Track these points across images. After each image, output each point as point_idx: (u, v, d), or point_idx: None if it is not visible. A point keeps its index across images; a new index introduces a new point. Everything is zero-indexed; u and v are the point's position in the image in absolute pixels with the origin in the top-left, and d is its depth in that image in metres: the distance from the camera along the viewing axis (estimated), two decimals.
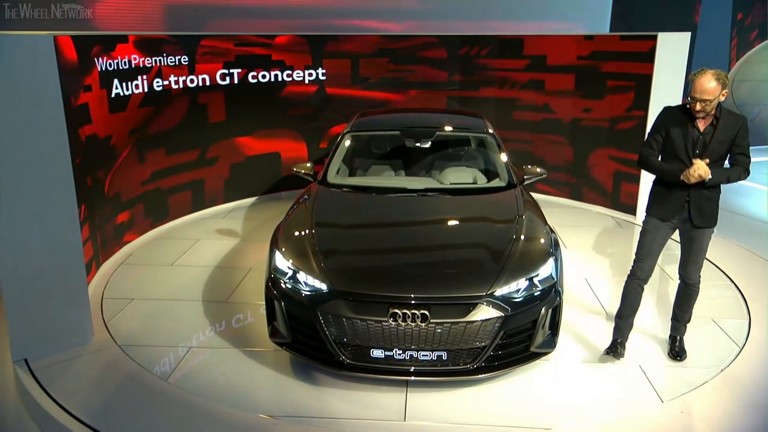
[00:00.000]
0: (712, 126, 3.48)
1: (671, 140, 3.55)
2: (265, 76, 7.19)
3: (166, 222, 6.47)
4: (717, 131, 3.46)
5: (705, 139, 3.48)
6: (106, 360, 3.88)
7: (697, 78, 3.38)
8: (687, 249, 3.75)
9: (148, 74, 6.00)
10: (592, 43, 6.71)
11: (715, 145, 3.47)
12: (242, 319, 4.45)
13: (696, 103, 3.39)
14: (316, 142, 7.70)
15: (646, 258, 3.73)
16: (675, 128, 3.53)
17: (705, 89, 3.34)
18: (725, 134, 3.47)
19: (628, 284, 3.82)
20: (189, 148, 6.65)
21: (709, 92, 3.34)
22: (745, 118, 3.54)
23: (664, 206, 3.64)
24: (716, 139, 3.46)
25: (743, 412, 3.33)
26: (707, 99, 3.35)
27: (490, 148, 4.93)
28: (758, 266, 5.32)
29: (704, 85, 3.34)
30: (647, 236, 3.72)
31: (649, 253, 3.72)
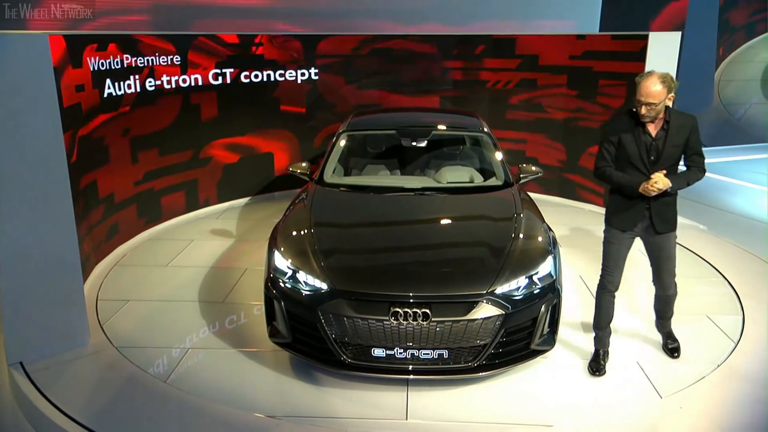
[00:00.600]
0: (663, 130, 3.40)
1: (624, 147, 3.44)
2: (258, 75, 7.16)
3: (160, 223, 6.42)
4: (669, 135, 3.38)
5: (658, 145, 3.39)
6: (103, 362, 3.85)
7: (643, 81, 3.28)
8: (656, 258, 3.68)
9: (140, 74, 5.96)
10: (584, 43, 6.75)
11: (670, 149, 3.40)
12: (239, 319, 4.42)
13: (641, 106, 3.31)
14: (309, 141, 7.69)
15: (614, 269, 3.67)
16: (626, 135, 3.43)
17: (650, 92, 3.24)
18: (678, 137, 3.40)
19: (601, 297, 3.75)
20: (182, 148, 6.60)
21: (653, 96, 3.24)
22: (695, 118, 3.47)
23: (625, 216, 3.56)
24: (669, 143, 3.39)
25: (742, 407, 3.37)
26: (652, 103, 3.26)
27: (485, 147, 4.94)
28: (750, 263, 5.38)
29: (649, 89, 3.24)
30: (612, 248, 3.65)
31: (616, 264, 3.66)
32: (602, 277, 3.73)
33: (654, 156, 3.41)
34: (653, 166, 3.42)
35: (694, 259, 5.49)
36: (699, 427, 3.21)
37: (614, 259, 3.66)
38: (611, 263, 3.67)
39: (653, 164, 3.42)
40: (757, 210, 7.09)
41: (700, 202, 7.19)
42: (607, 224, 3.68)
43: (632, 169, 3.46)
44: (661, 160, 3.41)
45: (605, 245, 3.70)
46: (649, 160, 3.42)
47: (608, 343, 3.82)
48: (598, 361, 3.74)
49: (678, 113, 3.43)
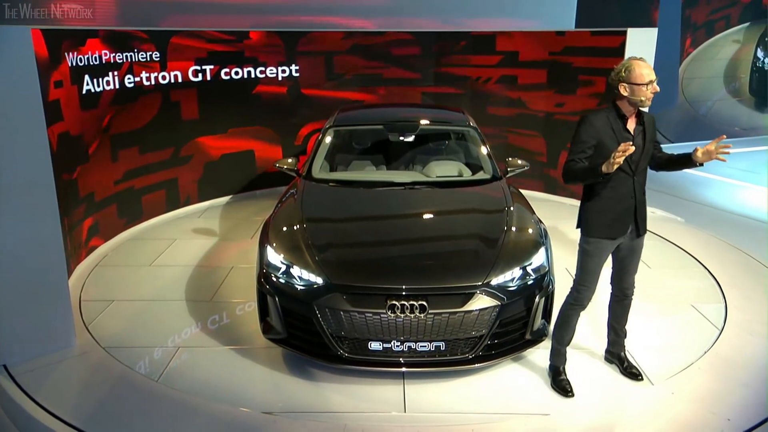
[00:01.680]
0: (640, 125, 3.22)
1: (606, 150, 3.12)
2: (238, 72, 7.08)
3: (141, 222, 6.30)
4: (645, 128, 3.23)
5: (639, 142, 3.21)
6: (91, 363, 3.76)
7: (636, 63, 3.06)
8: (627, 261, 3.41)
9: (119, 70, 5.84)
10: (564, 39, 6.84)
11: (648, 145, 3.24)
12: (228, 317, 4.36)
13: (648, 87, 3.05)
14: (290, 139, 7.63)
15: (592, 284, 3.34)
16: (606, 137, 3.16)
17: (651, 69, 3.05)
18: (650, 131, 3.25)
19: (572, 313, 3.42)
20: (162, 146, 6.49)
21: (653, 72, 3.06)
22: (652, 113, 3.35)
23: (614, 224, 3.26)
24: (648, 138, 3.23)
25: (731, 391, 3.44)
26: (653, 80, 3.04)
27: (473, 142, 4.97)
28: (728, 253, 5.52)
29: (648, 67, 3.05)
30: (593, 261, 3.30)
31: (594, 279, 3.34)
32: (577, 292, 3.37)
33: (636, 154, 3.18)
34: (636, 165, 3.22)
35: (675, 250, 5.61)
36: (691, 411, 3.27)
37: (594, 273, 3.33)
38: (591, 277, 3.33)
39: (636, 163, 3.22)
40: (730, 202, 7.27)
41: (676, 195, 7.35)
42: (586, 235, 3.31)
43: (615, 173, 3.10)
44: (643, 157, 3.23)
45: (584, 258, 3.33)
46: (632, 159, 3.18)
47: (566, 359, 3.52)
48: (562, 378, 3.46)
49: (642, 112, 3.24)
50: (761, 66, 10.93)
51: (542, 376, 3.61)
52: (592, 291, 3.37)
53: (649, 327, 4.18)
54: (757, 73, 10.98)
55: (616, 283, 3.53)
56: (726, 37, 10.78)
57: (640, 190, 3.28)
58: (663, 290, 4.76)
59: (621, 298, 3.55)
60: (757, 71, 10.97)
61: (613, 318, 3.63)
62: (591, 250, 3.30)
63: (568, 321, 3.45)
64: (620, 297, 3.55)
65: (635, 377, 3.56)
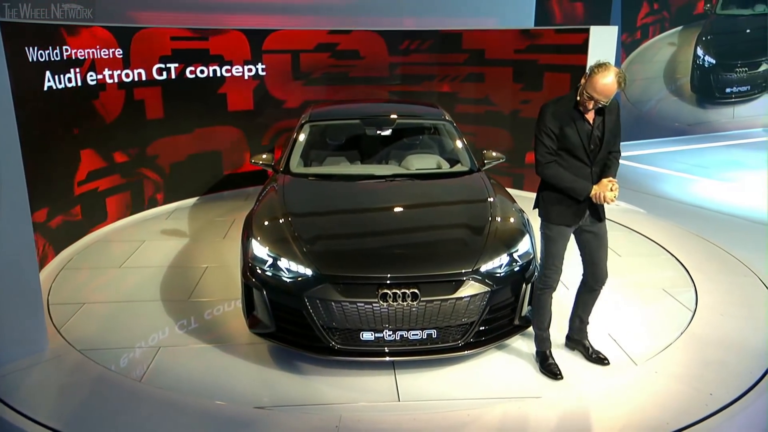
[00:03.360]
0: (599, 116, 3.25)
1: (566, 138, 3.24)
2: (204, 71, 6.94)
3: (105, 224, 6.09)
4: (606, 120, 3.26)
5: (598, 134, 3.26)
6: (67, 366, 3.60)
7: (599, 75, 3.07)
8: (594, 247, 3.45)
9: (81, 67, 5.64)
10: (529, 37, 6.99)
11: (608, 136, 3.28)
12: (210, 315, 4.26)
13: (590, 101, 3.14)
14: (258, 138, 7.51)
15: (559, 266, 3.43)
16: (567, 125, 3.23)
17: (606, 89, 3.07)
18: (610, 121, 3.28)
19: (545, 297, 3.49)
20: (127, 146, 6.30)
21: (608, 93, 3.09)
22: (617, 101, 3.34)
23: (570, 212, 3.34)
24: (607, 128, 3.26)
25: (710, 368, 3.57)
26: (603, 101, 3.11)
27: (449, 135, 5.01)
28: (692, 241, 5.73)
29: (606, 85, 3.06)
30: (555, 245, 3.38)
31: (559, 262, 3.42)
32: (546, 277, 3.45)
33: (594, 145, 3.26)
34: (595, 155, 3.28)
35: (642, 239, 5.79)
36: (675, 387, 3.38)
37: (557, 256, 3.40)
38: (556, 260, 3.41)
39: (595, 153, 3.28)
40: (687, 195, 7.59)
41: (635, 189, 7.60)
42: (546, 221, 3.42)
43: (573, 159, 3.29)
44: (602, 149, 3.28)
45: (546, 243, 3.42)
46: (590, 149, 3.26)
47: (551, 342, 3.59)
48: (551, 362, 3.51)
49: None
50: (702, 64, 11.43)
51: (530, 361, 3.66)
52: (558, 273, 3.47)
53: (625, 312, 4.30)
54: (698, 70, 11.47)
55: (589, 275, 3.55)
56: (661, 40, 11.22)
57: (597, 179, 3.32)
58: (635, 276, 4.91)
59: (590, 289, 3.58)
60: (698, 68, 11.46)
61: (580, 307, 3.67)
62: (552, 235, 3.40)
63: (542, 305, 3.53)
64: (590, 288, 3.58)
65: (602, 362, 3.60)
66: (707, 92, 11.67)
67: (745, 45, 11.56)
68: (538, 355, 3.61)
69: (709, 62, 11.41)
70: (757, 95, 12.01)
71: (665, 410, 3.18)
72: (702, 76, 11.51)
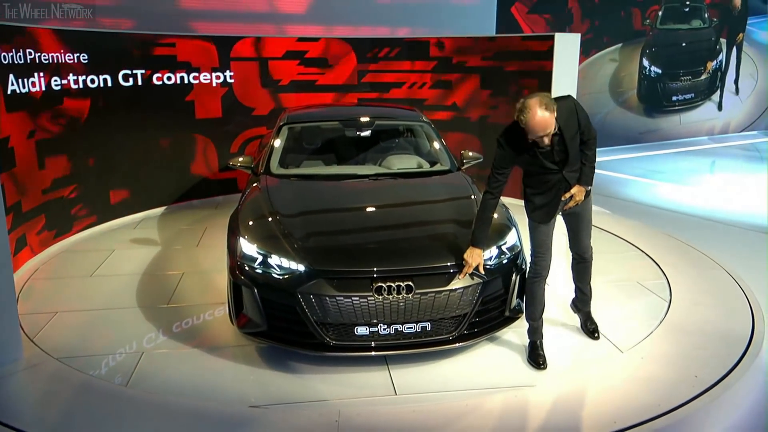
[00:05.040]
0: (556, 134, 3.24)
1: (527, 164, 3.36)
2: (171, 78, 6.82)
3: (71, 234, 5.86)
4: (565, 135, 3.26)
5: (560, 149, 3.30)
6: (46, 374, 3.43)
7: (530, 118, 3.05)
8: (576, 226, 3.64)
9: (45, 71, 5.46)
10: (495, 44, 7.16)
11: (571, 144, 3.29)
12: (192, 320, 4.14)
13: (543, 138, 3.16)
14: (226, 146, 7.40)
15: (546, 252, 3.52)
16: (524, 154, 3.30)
17: (544, 123, 3.07)
18: (571, 129, 3.28)
19: (536, 285, 3.57)
20: (92, 153, 6.10)
21: (549, 124, 3.09)
22: (570, 97, 3.39)
23: (547, 211, 3.47)
24: (568, 139, 3.27)
25: (691, 353, 3.69)
26: (551, 131, 3.13)
27: (428, 136, 5.06)
28: (659, 238, 5.93)
29: (539, 121, 3.06)
30: (540, 234, 3.50)
31: (547, 247, 3.53)
32: (535, 264, 3.55)
33: (559, 158, 3.31)
34: (564, 164, 3.34)
35: (612, 237, 5.97)
36: (662, 371, 3.48)
37: (544, 245, 3.52)
38: (543, 247, 3.52)
39: (563, 164, 3.33)
40: (650, 197, 7.93)
41: (599, 193, 7.84)
42: (528, 218, 3.57)
43: (540, 173, 3.37)
44: (570, 157, 3.33)
45: (533, 232, 3.54)
46: (556, 162, 3.32)
47: (542, 333, 3.67)
48: (538, 353, 3.58)
49: (558, 105, 3.19)
50: (648, 74, 12.00)
51: (521, 351, 3.70)
52: (547, 260, 3.56)
53: (605, 304, 4.39)
54: (645, 80, 12.03)
55: (573, 248, 3.79)
56: (602, 57, 11.71)
57: (572, 178, 3.39)
58: (609, 271, 5.03)
59: (579, 261, 3.82)
60: (645, 79, 12.02)
61: (576, 278, 3.90)
62: (536, 225, 3.54)
63: (534, 294, 3.61)
64: (578, 260, 3.82)
65: (592, 334, 3.85)
66: (655, 101, 12.25)
67: (687, 56, 12.25)
68: (530, 345, 3.67)
69: (656, 72, 12.00)
70: (700, 102, 12.72)
71: (655, 393, 3.26)
72: (649, 86, 12.08)
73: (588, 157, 3.43)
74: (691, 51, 12.24)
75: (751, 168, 10.25)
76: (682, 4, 12.06)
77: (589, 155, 3.43)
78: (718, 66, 12.52)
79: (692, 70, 12.30)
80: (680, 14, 12.12)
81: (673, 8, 12.04)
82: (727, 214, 7.00)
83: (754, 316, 4.16)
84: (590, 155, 3.44)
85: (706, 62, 12.29)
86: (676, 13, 12.08)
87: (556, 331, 3.95)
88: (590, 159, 3.44)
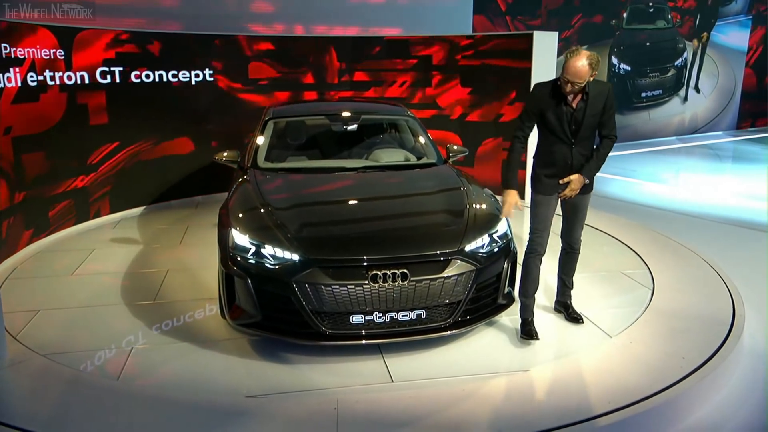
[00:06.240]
0: (583, 101, 3.50)
1: (546, 119, 3.56)
2: (149, 75, 6.72)
3: (48, 234, 5.73)
4: (588, 106, 3.49)
5: (578, 117, 3.51)
6: (34, 370, 3.34)
7: (571, 59, 3.35)
8: (572, 216, 3.82)
9: (20, 67, 5.33)
10: (475, 43, 7.25)
11: (589, 119, 3.52)
12: (180, 315, 4.08)
13: (567, 84, 3.40)
14: (206, 145, 7.32)
15: (543, 231, 3.68)
16: (548, 107, 3.52)
17: (578, 72, 3.33)
18: (596, 106, 3.51)
19: (530, 262, 3.72)
20: (70, 152, 5.98)
21: (581, 75, 3.34)
22: (611, 84, 3.64)
23: (551, 184, 3.64)
24: (588, 113, 3.50)
25: (677, 336, 3.78)
26: (578, 81, 3.37)
27: (414, 130, 5.09)
28: (640, 231, 6.07)
29: (577, 68, 3.32)
30: (540, 209, 3.67)
31: (545, 225, 3.68)
32: (532, 241, 3.72)
33: (575, 126, 3.53)
34: (575, 135, 3.56)
35: (594, 231, 6.07)
36: (650, 354, 3.55)
37: (543, 221, 3.68)
38: (540, 225, 3.68)
39: (574, 133, 3.55)
40: (627, 194, 8.11)
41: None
42: (533, 190, 3.73)
43: (554, 137, 3.58)
44: (582, 129, 3.54)
45: (533, 208, 3.71)
46: (570, 129, 3.54)
47: (533, 311, 3.80)
48: (530, 327, 3.71)
49: (596, 82, 3.52)
50: (618, 71, 12.33)
51: (514, 338, 3.75)
52: (544, 238, 3.72)
53: (591, 292, 4.48)
54: (615, 78, 12.34)
55: (564, 236, 3.92)
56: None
57: (579, 157, 3.60)
58: (593, 262, 5.13)
59: (569, 251, 3.95)
60: (615, 76, 12.33)
61: (562, 270, 4.01)
62: (539, 200, 3.70)
63: (529, 271, 3.76)
64: (568, 250, 3.95)
65: (577, 321, 3.97)
66: (625, 98, 12.56)
67: (654, 54, 12.64)
68: (521, 323, 3.77)
69: (625, 69, 12.36)
70: (667, 99, 13.13)
71: (645, 375, 3.33)
72: (619, 83, 12.39)
73: (600, 154, 3.65)
74: (657, 49, 12.67)
75: (718, 167, 10.63)
76: (647, 6, 12.44)
77: (601, 152, 3.65)
78: (683, 63, 12.95)
79: (660, 67, 12.74)
80: (645, 15, 12.51)
81: (639, 9, 12.41)
82: (700, 208, 7.22)
83: (733, 300, 4.28)
84: (603, 153, 3.65)
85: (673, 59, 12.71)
86: (641, 13, 12.45)
87: (546, 320, 4.01)
88: (601, 156, 3.66)
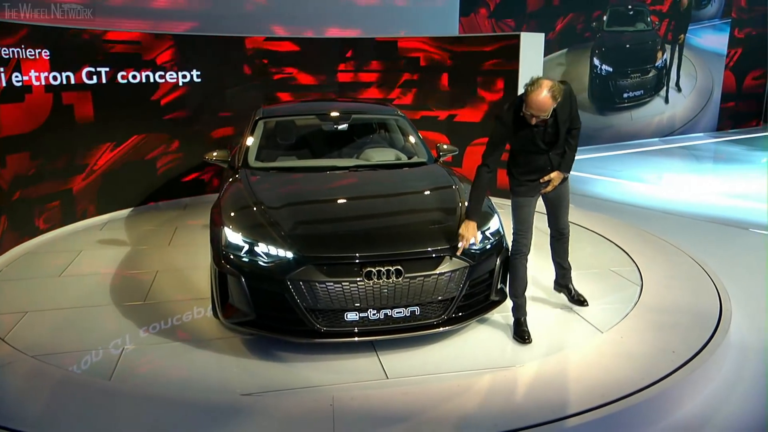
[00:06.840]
0: (552, 117, 3.48)
1: (519, 142, 3.56)
2: (136, 76, 6.67)
3: (35, 236, 5.65)
4: (558, 120, 3.50)
5: (551, 131, 3.53)
6: (23, 371, 3.30)
7: (532, 93, 3.29)
8: (557, 205, 3.88)
9: (5, 67, 5.27)
10: (462, 44, 7.29)
11: (562, 129, 3.54)
12: (171, 315, 4.05)
13: (532, 118, 3.38)
14: (193, 146, 7.25)
15: (527, 231, 3.70)
16: (519, 132, 3.50)
17: (541, 105, 3.29)
18: (564, 113, 3.52)
19: (517, 263, 3.71)
20: (56, 152, 5.91)
21: (545, 108, 3.32)
22: (569, 84, 3.58)
23: (531, 187, 3.69)
24: (560, 124, 3.52)
25: (666, 331, 3.82)
26: (543, 115, 3.34)
27: (404, 130, 5.11)
28: (623, 228, 6.14)
29: (540, 101, 3.28)
30: (523, 211, 3.69)
31: (528, 225, 3.71)
32: (516, 242, 3.71)
33: (550, 139, 3.56)
34: (551, 146, 3.59)
35: (581, 229, 6.13)
36: (642, 348, 3.59)
37: (526, 222, 3.70)
38: (524, 226, 3.70)
39: (550, 145, 3.58)
40: (613, 194, 8.20)
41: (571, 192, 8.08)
42: (512, 194, 3.77)
43: (530, 151, 3.59)
44: (558, 140, 3.57)
45: (516, 210, 3.73)
46: (545, 143, 3.56)
47: (527, 310, 3.80)
48: (523, 329, 3.72)
49: None
50: (600, 72, 12.49)
51: (507, 334, 3.77)
52: (528, 238, 3.74)
53: (581, 289, 4.47)
54: (597, 79, 12.50)
55: (552, 225, 4.01)
56: (549, 61, 12.12)
57: (557, 158, 3.67)
58: (582, 260, 5.16)
59: (558, 237, 4.06)
60: (597, 77, 12.49)
61: (555, 254, 4.12)
62: (521, 202, 3.74)
63: (517, 272, 3.75)
64: (557, 236, 4.06)
65: (581, 303, 4.11)
66: (607, 98, 12.74)
67: (634, 55, 12.81)
68: (514, 323, 3.78)
69: (607, 70, 12.52)
70: (648, 99, 13.32)
71: (637, 369, 3.37)
72: (601, 84, 12.55)
73: (571, 146, 3.68)
74: (638, 51, 12.85)
75: (701, 167, 10.79)
76: (626, 8, 12.64)
77: (572, 144, 3.68)
78: (663, 64, 13.17)
79: (641, 68, 12.93)
80: (625, 17, 12.69)
81: (618, 12, 12.58)
82: (685, 208, 7.32)
83: (720, 296, 4.35)
84: (574, 144, 3.71)
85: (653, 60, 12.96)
86: (621, 16, 12.63)
87: (539, 315, 4.04)
88: (573, 147, 3.71)
